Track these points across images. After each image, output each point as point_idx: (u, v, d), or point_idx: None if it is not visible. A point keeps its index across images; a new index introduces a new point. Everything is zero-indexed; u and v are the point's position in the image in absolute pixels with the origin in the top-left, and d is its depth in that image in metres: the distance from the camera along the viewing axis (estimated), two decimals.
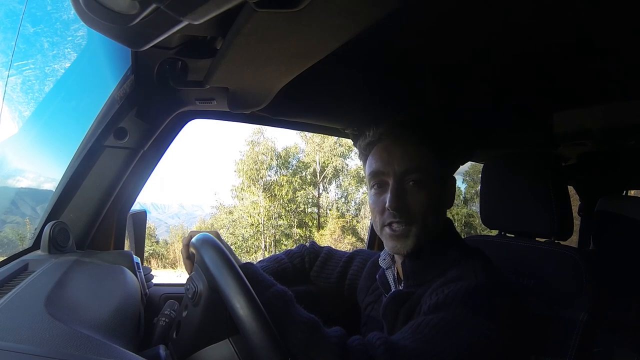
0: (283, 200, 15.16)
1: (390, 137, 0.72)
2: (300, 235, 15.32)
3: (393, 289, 0.77)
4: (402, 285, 0.74)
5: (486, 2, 0.62)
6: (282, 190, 15.12)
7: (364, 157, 0.77)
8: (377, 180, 0.72)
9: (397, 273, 0.78)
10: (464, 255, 0.70)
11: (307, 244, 1.01)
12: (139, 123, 0.91)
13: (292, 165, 15.78)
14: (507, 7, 0.63)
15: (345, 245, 13.66)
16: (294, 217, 15.52)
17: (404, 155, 0.70)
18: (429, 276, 0.69)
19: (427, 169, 0.70)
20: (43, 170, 1.21)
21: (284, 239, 15.26)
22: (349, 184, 15.88)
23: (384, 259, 0.79)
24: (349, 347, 0.56)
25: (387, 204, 0.68)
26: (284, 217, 15.33)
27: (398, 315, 0.70)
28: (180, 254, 0.83)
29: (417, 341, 0.56)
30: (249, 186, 15.08)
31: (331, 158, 15.52)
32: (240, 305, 0.53)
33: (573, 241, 1.64)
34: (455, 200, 0.77)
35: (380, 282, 0.80)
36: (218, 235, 0.74)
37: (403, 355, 0.55)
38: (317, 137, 14.92)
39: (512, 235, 0.99)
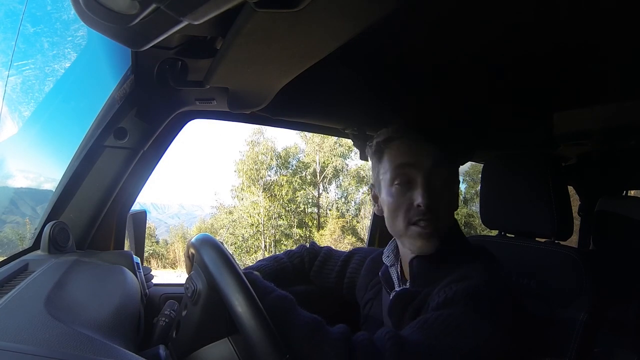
0: (283, 201, 15.13)
1: (411, 135, 0.71)
2: (300, 235, 15.29)
3: (397, 287, 0.77)
4: (408, 284, 0.74)
5: (486, 3, 0.62)
6: (282, 190, 15.09)
7: (378, 153, 0.74)
8: (403, 177, 0.69)
9: (402, 271, 0.77)
10: (470, 255, 0.70)
11: (308, 245, 1.01)
12: (139, 123, 0.91)
13: (292, 166, 15.75)
14: (507, 7, 0.63)
15: (345, 245, 13.63)
16: (294, 217, 15.49)
17: (432, 151, 0.69)
18: (436, 276, 0.69)
19: (449, 169, 0.71)
20: (43, 170, 1.21)
21: (284, 239, 15.23)
22: (349, 184, 15.85)
23: (388, 256, 0.79)
24: (353, 343, 0.56)
25: (418, 201, 0.66)
26: (284, 217, 15.30)
27: (404, 314, 0.69)
28: (181, 254, 0.83)
29: (425, 337, 0.57)
30: (249, 186, 15.05)
31: (331, 158, 15.48)
32: (238, 303, 0.54)
33: (573, 241, 1.63)
34: None
35: (383, 279, 0.80)
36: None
37: (411, 350, 0.55)
38: (317, 137, 14.88)
39: (512, 236, 0.98)
